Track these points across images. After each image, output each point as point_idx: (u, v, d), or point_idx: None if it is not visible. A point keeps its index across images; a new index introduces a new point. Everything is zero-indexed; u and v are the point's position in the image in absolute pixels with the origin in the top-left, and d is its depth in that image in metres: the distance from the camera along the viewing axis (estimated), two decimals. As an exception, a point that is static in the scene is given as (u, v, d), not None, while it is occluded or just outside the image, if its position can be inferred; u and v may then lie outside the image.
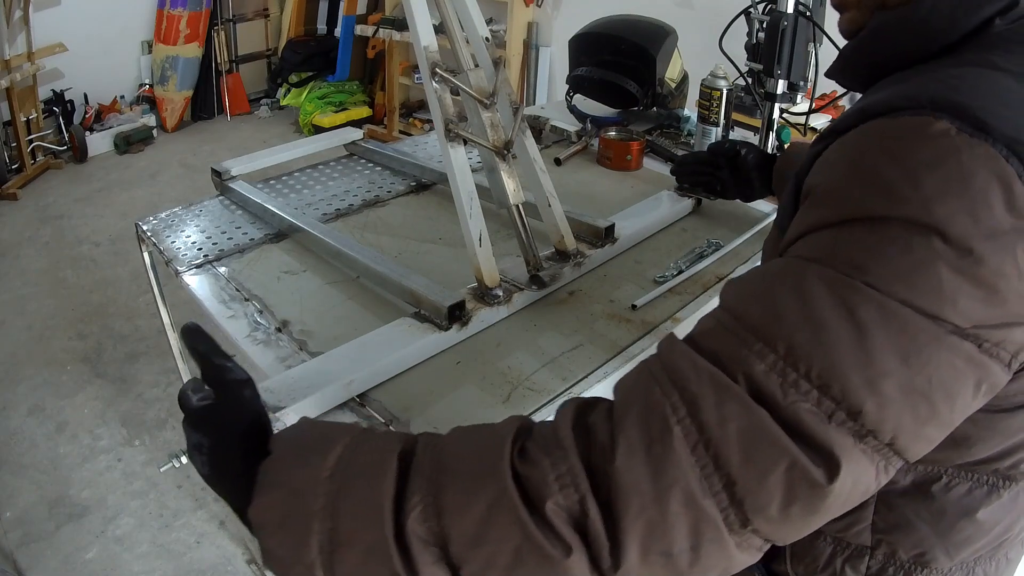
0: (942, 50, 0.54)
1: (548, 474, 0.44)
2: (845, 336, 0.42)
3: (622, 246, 1.20)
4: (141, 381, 2.50)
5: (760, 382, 0.43)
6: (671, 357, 0.47)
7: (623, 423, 0.44)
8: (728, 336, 0.46)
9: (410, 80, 4.47)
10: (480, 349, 0.97)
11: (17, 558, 1.86)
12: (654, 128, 1.77)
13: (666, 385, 0.45)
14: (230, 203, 1.38)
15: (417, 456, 0.50)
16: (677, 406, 0.44)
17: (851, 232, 0.45)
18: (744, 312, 0.46)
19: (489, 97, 0.99)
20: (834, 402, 0.42)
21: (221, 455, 0.54)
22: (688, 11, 3.09)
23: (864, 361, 0.42)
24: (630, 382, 0.49)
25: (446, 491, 0.46)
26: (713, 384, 0.44)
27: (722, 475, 0.42)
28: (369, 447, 0.51)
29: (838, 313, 0.43)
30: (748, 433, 0.42)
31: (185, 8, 4.46)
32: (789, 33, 1.32)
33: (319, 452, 0.51)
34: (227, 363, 0.56)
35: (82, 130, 4.21)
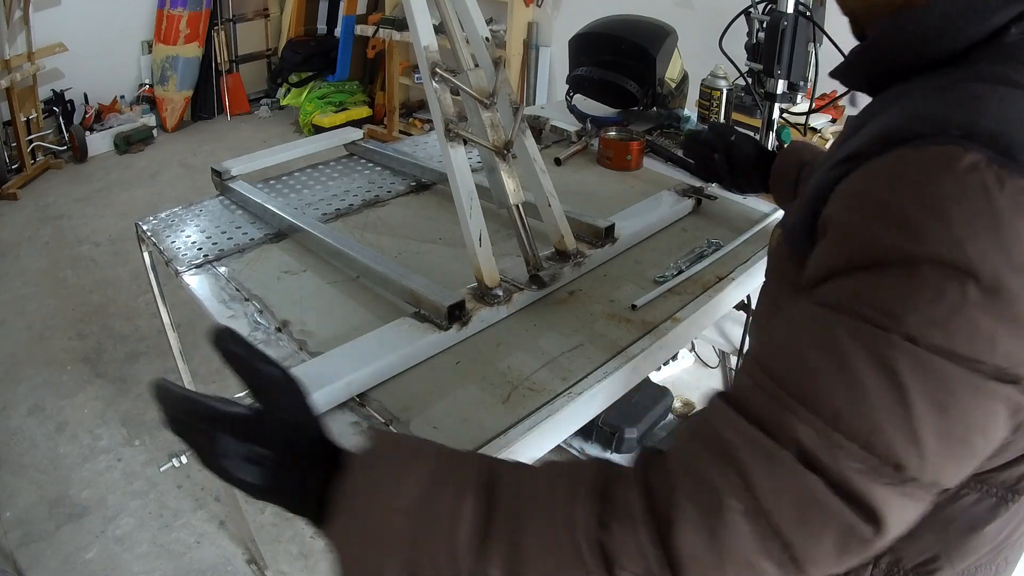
0: (951, 57, 0.53)
1: (622, 542, 0.45)
2: (885, 395, 0.43)
3: (622, 246, 1.20)
4: (141, 381, 2.50)
5: (807, 447, 0.44)
6: (718, 426, 0.48)
7: (679, 498, 0.46)
8: (770, 400, 0.46)
9: (410, 80, 4.47)
10: (480, 349, 0.97)
11: (17, 558, 1.86)
12: (654, 128, 1.77)
13: (717, 457, 0.46)
14: (230, 203, 1.38)
15: (498, 496, 0.50)
16: (731, 479, 0.45)
17: (881, 277, 0.45)
18: (783, 376, 0.47)
19: (489, 97, 0.99)
20: (879, 459, 0.43)
21: (286, 467, 0.52)
22: (688, 11, 3.09)
23: (904, 417, 0.43)
24: (684, 446, 0.49)
25: (525, 541, 0.47)
26: (762, 454, 0.45)
27: (778, 540, 0.44)
28: (450, 479, 0.51)
29: (876, 373, 0.43)
30: (801, 501, 0.43)
31: (185, 8, 4.46)
32: (789, 33, 1.32)
33: (399, 480, 0.50)
34: (274, 366, 0.54)
35: (82, 130, 4.21)
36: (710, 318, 1.12)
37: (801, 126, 1.67)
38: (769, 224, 1.31)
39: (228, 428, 0.52)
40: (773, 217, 1.32)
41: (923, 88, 0.53)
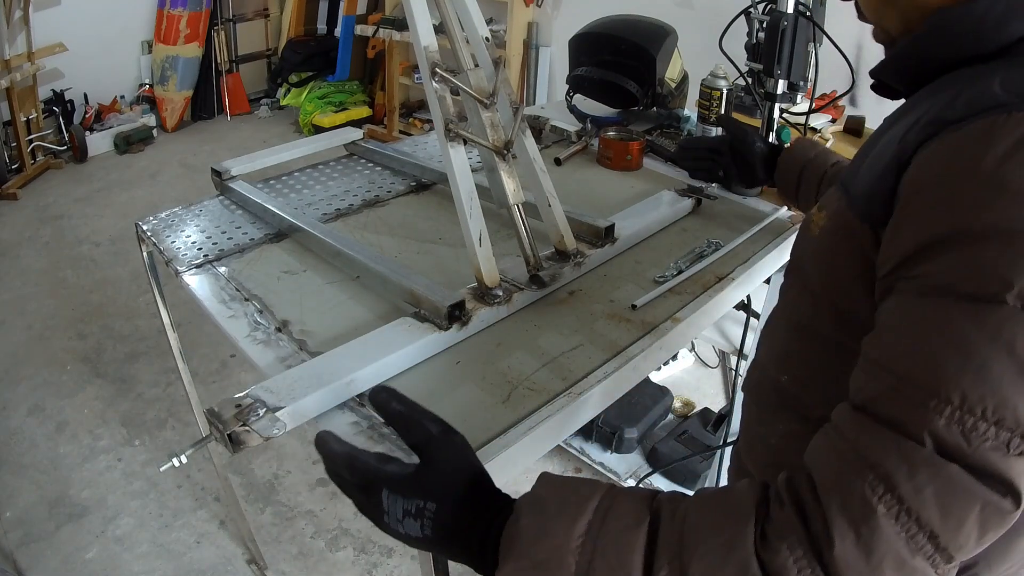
0: (997, 52, 0.54)
1: (786, 560, 0.47)
2: (1007, 368, 0.44)
3: (622, 246, 1.20)
4: (141, 381, 2.50)
5: (944, 437, 0.45)
6: (854, 434, 0.49)
7: (830, 511, 0.47)
8: (899, 398, 0.47)
9: (410, 80, 4.47)
10: (480, 349, 0.97)
11: (17, 558, 1.86)
12: (654, 128, 1.77)
13: (858, 466, 0.47)
14: (230, 203, 1.38)
15: (662, 529, 0.51)
16: (875, 485, 0.46)
17: (985, 248, 0.45)
18: (906, 372, 0.47)
19: (489, 97, 0.99)
20: (1009, 431, 0.44)
21: (451, 519, 0.54)
22: (688, 11, 3.09)
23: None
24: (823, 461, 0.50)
25: (692, 566, 0.48)
26: (902, 455, 0.46)
27: (925, 533, 0.45)
28: (616, 516, 0.52)
29: (996, 349, 0.44)
30: (943, 492, 0.45)
31: (185, 8, 4.46)
32: (789, 33, 1.32)
33: (567, 520, 0.51)
34: (435, 422, 0.55)
35: (82, 130, 4.21)
36: (710, 318, 1.12)
37: (801, 126, 1.67)
38: (769, 224, 1.30)
39: (389, 485, 0.54)
40: (773, 217, 1.32)
41: (978, 74, 0.54)
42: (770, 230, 1.29)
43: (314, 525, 1.99)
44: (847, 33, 1.38)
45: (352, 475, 0.55)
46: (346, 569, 1.88)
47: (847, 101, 2.69)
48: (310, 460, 2.19)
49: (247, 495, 2.06)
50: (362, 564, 1.89)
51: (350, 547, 1.93)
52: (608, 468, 2.07)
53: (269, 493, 2.07)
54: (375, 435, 0.82)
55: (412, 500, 0.53)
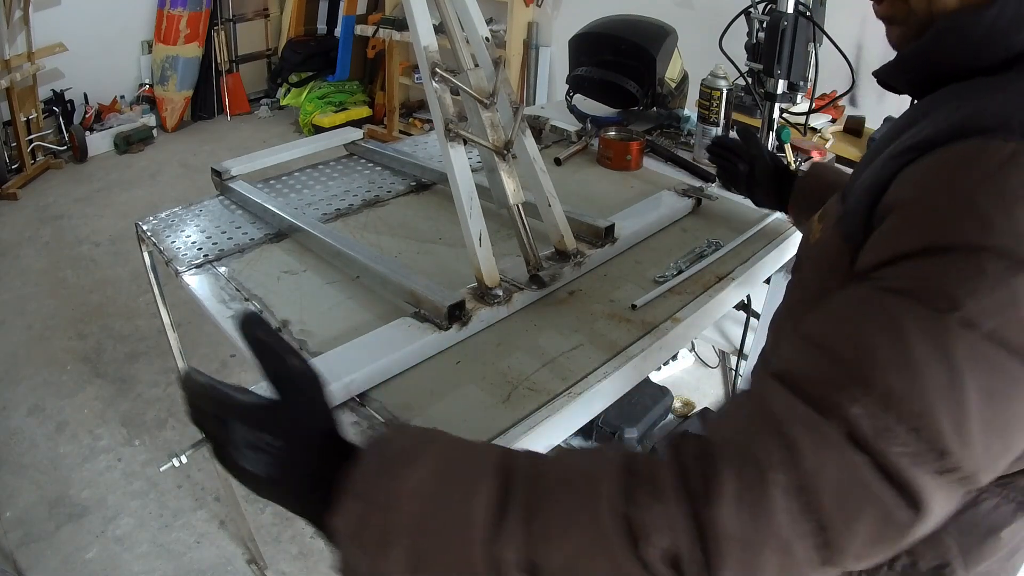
0: (1003, 63, 0.54)
1: (650, 517, 0.44)
2: (939, 380, 0.43)
3: (622, 246, 1.20)
4: (141, 381, 2.50)
5: (856, 426, 0.43)
6: (766, 400, 0.47)
7: (720, 470, 0.44)
8: (822, 377, 0.46)
9: (410, 80, 4.47)
10: (480, 349, 0.97)
11: (17, 558, 1.86)
12: (654, 128, 1.77)
13: (763, 431, 0.45)
14: (230, 203, 1.38)
15: (517, 479, 0.48)
16: (773, 451, 0.44)
17: (943, 262, 0.45)
18: (837, 352, 0.46)
19: (489, 97, 0.99)
20: (926, 444, 0.43)
21: (295, 458, 0.51)
22: (688, 11, 3.09)
23: (955, 403, 0.43)
24: (726, 422, 0.49)
25: (543, 518, 0.46)
26: (810, 430, 0.44)
27: (814, 518, 0.43)
28: (464, 463, 0.49)
29: (933, 356, 0.43)
30: (844, 480, 0.43)
31: (185, 8, 4.46)
32: (789, 33, 1.32)
33: (409, 463, 0.49)
34: (297, 357, 0.53)
35: (82, 130, 4.21)
36: (710, 318, 1.12)
37: (801, 126, 1.67)
38: (769, 224, 1.31)
39: (240, 415, 0.51)
40: (773, 217, 1.32)
41: (980, 89, 0.54)
42: (770, 230, 1.29)
43: (314, 525, 1.99)
44: (847, 33, 1.38)
45: (208, 405, 0.52)
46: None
47: (847, 101, 2.69)
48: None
49: (247, 495, 2.06)
50: (362, 564, 1.89)
51: (350, 547, 1.93)
52: (608, 468, 2.07)
53: (269, 493, 2.07)
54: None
55: (260, 433, 0.51)
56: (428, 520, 0.46)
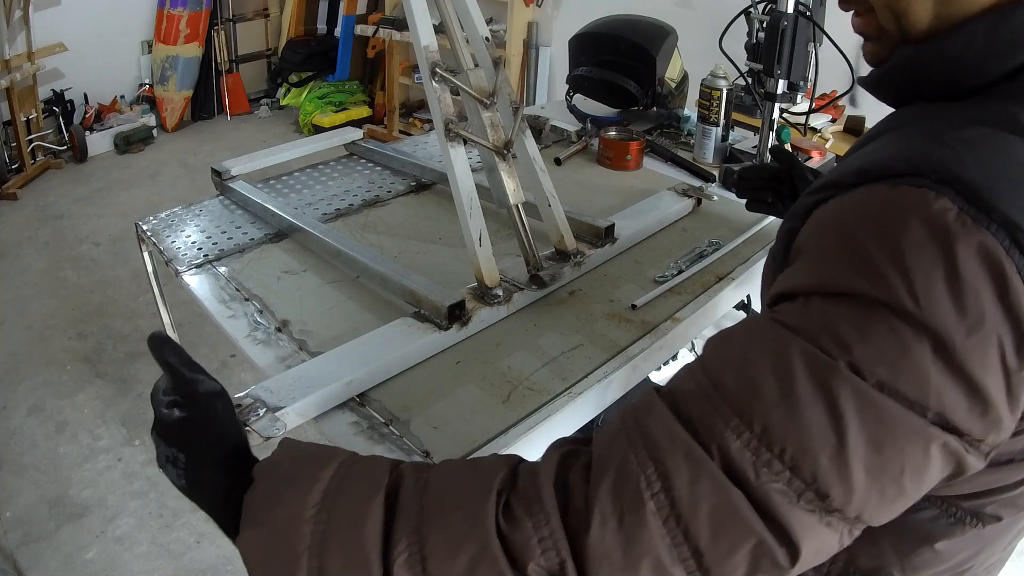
0: (971, 91, 0.52)
1: (531, 536, 0.45)
2: (821, 420, 0.42)
3: (622, 246, 1.20)
4: (141, 381, 2.50)
5: (734, 459, 0.43)
6: (649, 422, 0.47)
7: (598, 491, 0.45)
8: (706, 404, 0.45)
9: (410, 80, 4.47)
10: (480, 349, 0.97)
11: (17, 558, 1.86)
12: (654, 128, 1.77)
13: (642, 455, 0.45)
14: (230, 203, 1.38)
15: (402, 498, 0.49)
16: (652, 479, 0.44)
17: (837, 306, 0.44)
18: (723, 382, 0.46)
19: (489, 97, 0.99)
20: (804, 483, 0.43)
21: (199, 473, 0.55)
22: (688, 11, 3.09)
23: (837, 447, 0.42)
24: (607, 440, 0.48)
25: (431, 540, 0.47)
26: (688, 459, 0.44)
27: (691, 547, 0.43)
28: (353, 484, 0.50)
29: (816, 396, 0.43)
30: (718, 511, 0.43)
31: (185, 8, 4.46)
32: (789, 33, 1.32)
33: (302, 488, 0.50)
34: (199, 375, 0.56)
35: (82, 130, 4.20)
36: (710, 318, 1.12)
37: (801, 126, 1.67)
38: (769, 225, 1.31)
39: (157, 428, 0.56)
40: (772, 218, 1.32)
41: (930, 119, 0.52)
42: (770, 231, 1.29)
43: (314, 525, 1.99)
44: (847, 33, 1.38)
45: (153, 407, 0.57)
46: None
47: (847, 101, 2.69)
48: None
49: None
50: (362, 564, 1.89)
51: (350, 547, 1.94)
52: (608, 468, 2.07)
53: (269, 493, 2.07)
54: (375, 435, 0.82)
55: (169, 447, 0.55)
56: (328, 544, 0.48)
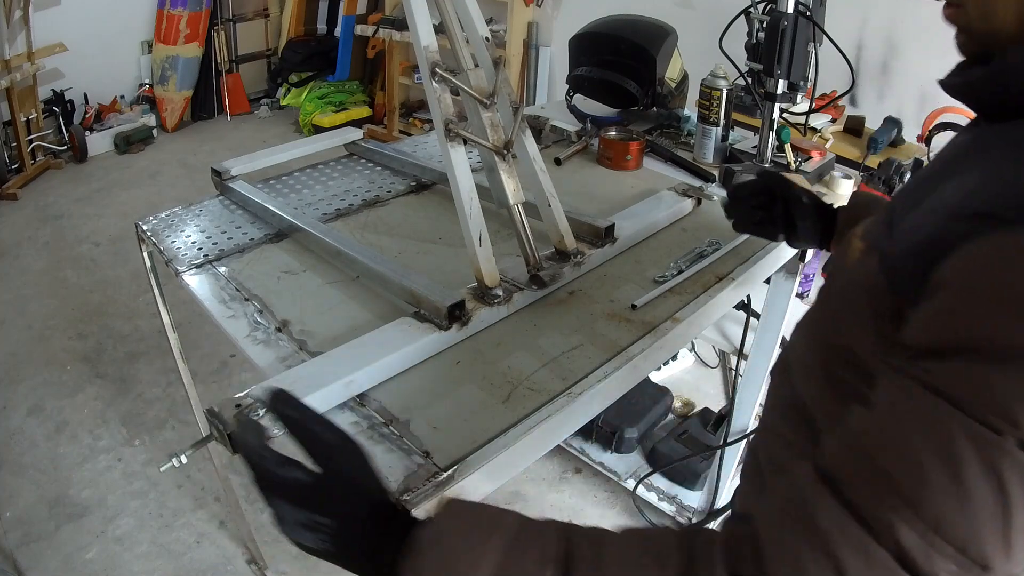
0: None
1: None
2: (991, 503, 0.43)
3: (622, 246, 1.20)
4: (141, 381, 2.50)
5: (909, 550, 0.43)
6: (818, 515, 0.46)
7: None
8: (875, 496, 0.45)
9: (410, 80, 4.47)
10: (480, 349, 0.97)
11: (17, 558, 1.86)
12: (654, 128, 1.77)
13: (817, 552, 0.45)
14: (230, 203, 1.38)
15: (576, 571, 0.48)
16: (823, 570, 0.44)
17: (1003, 373, 0.43)
18: (887, 468, 0.45)
19: (489, 97, 0.99)
20: (971, 561, 0.43)
21: (348, 533, 0.51)
22: (688, 11, 3.09)
23: (1004, 525, 0.43)
24: (776, 534, 0.47)
25: None
26: (862, 553, 0.44)
27: None
28: (526, 554, 0.49)
29: (986, 480, 0.43)
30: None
31: (185, 8, 4.46)
32: (789, 33, 1.32)
33: (472, 558, 0.48)
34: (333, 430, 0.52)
35: (82, 130, 4.21)
36: (710, 318, 1.12)
37: (801, 126, 1.67)
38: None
39: (284, 495, 0.51)
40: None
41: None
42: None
43: (314, 525, 1.99)
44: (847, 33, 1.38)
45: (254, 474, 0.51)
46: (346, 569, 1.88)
47: (847, 101, 2.69)
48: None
49: (247, 495, 2.06)
50: (362, 564, 1.89)
51: (350, 547, 1.93)
52: (608, 468, 2.07)
53: (269, 493, 2.07)
54: (375, 435, 0.82)
55: (308, 513, 0.50)
56: None
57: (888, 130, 2.30)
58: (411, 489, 0.75)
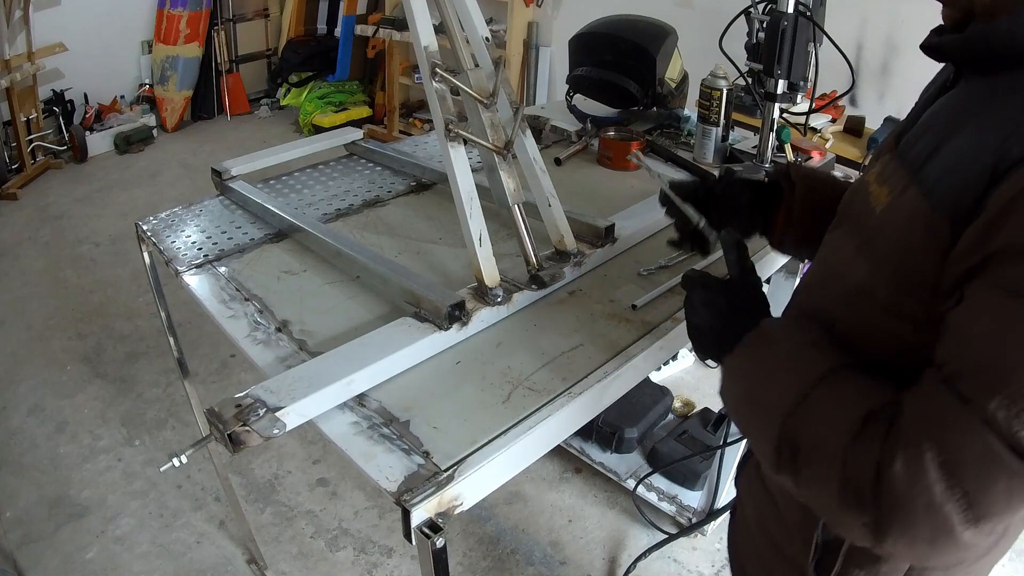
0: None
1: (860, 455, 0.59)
2: None
3: (622, 246, 1.20)
4: (141, 381, 2.50)
5: (995, 417, 0.53)
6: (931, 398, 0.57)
7: (898, 444, 0.56)
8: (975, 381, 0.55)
9: (410, 80, 4.47)
10: (480, 349, 0.97)
11: (17, 558, 1.86)
12: (654, 128, 1.77)
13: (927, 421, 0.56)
14: (230, 203, 1.38)
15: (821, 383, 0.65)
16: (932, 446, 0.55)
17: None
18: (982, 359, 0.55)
19: (489, 97, 0.99)
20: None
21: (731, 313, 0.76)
22: (688, 11, 3.09)
23: None
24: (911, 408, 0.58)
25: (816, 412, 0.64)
26: (960, 424, 0.54)
27: (961, 484, 0.54)
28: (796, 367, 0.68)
29: None
30: (980, 456, 0.53)
31: (185, 8, 4.46)
32: (789, 33, 1.32)
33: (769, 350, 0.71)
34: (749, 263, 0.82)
35: (82, 130, 4.21)
36: (710, 318, 1.12)
37: (801, 126, 1.67)
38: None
39: (705, 285, 0.80)
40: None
41: None
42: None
43: (314, 525, 1.99)
44: (847, 33, 1.38)
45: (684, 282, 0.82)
46: (346, 569, 1.88)
47: (847, 101, 2.69)
48: (310, 460, 2.19)
49: (247, 495, 2.06)
50: (362, 564, 1.89)
51: (350, 547, 1.93)
52: (608, 468, 2.07)
53: (269, 493, 2.07)
54: (375, 435, 0.82)
55: (710, 293, 0.78)
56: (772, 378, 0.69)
57: (888, 130, 2.30)
58: (411, 489, 0.75)
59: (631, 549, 1.95)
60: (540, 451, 0.88)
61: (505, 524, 2.00)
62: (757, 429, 0.70)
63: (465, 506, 0.78)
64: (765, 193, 0.97)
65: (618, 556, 1.93)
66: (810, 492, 0.64)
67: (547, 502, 2.08)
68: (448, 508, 0.76)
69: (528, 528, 2.00)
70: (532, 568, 1.89)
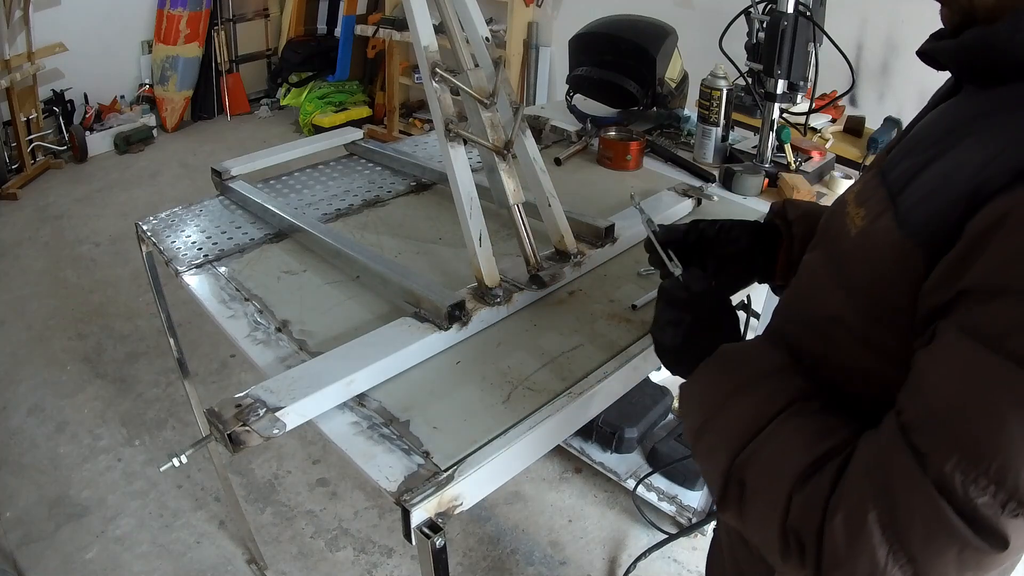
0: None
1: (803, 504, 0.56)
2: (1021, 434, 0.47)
3: (622, 246, 1.20)
4: (141, 381, 2.50)
5: (945, 478, 0.49)
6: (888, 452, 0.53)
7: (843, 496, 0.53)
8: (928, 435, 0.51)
9: (410, 80, 4.47)
10: (480, 349, 0.97)
11: (17, 558, 1.86)
12: (654, 128, 1.77)
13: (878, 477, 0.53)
14: (230, 203, 1.38)
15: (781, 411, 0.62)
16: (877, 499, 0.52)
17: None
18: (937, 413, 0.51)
19: (489, 97, 0.99)
20: (1007, 494, 0.48)
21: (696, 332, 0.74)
22: (688, 11, 3.09)
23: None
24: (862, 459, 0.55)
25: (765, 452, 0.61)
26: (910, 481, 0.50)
27: (906, 552, 0.50)
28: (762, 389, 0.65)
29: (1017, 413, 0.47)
30: (930, 523, 0.50)
31: (185, 8, 4.46)
32: (789, 33, 1.32)
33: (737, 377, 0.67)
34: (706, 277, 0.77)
35: (82, 130, 4.20)
36: (710, 318, 1.12)
37: (801, 126, 1.67)
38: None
39: (671, 303, 0.76)
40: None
41: None
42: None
43: (314, 525, 1.99)
44: (847, 33, 1.38)
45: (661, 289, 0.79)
46: (346, 569, 1.88)
47: (847, 101, 2.69)
48: (310, 460, 2.19)
49: (247, 495, 2.06)
50: (362, 564, 1.89)
51: (350, 547, 1.93)
52: (608, 468, 2.07)
53: (269, 493, 2.07)
54: (375, 435, 0.82)
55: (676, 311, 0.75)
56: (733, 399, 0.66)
57: (888, 130, 2.30)
58: (411, 489, 0.75)
59: (631, 549, 1.95)
60: (540, 451, 0.88)
61: (505, 524, 2.00)
62: (708, 461, 0.65)
63: (465, 506, 0.78)
64: (763, 236, 0.92)
65: (618, 556, 1.93)
66: (754, 534, 0.61)
67: (547, 502, 2.08)
68: (448, 508, 0.76)
69: (528, 528, 2.00)
70: (532, 568, 1.89)
